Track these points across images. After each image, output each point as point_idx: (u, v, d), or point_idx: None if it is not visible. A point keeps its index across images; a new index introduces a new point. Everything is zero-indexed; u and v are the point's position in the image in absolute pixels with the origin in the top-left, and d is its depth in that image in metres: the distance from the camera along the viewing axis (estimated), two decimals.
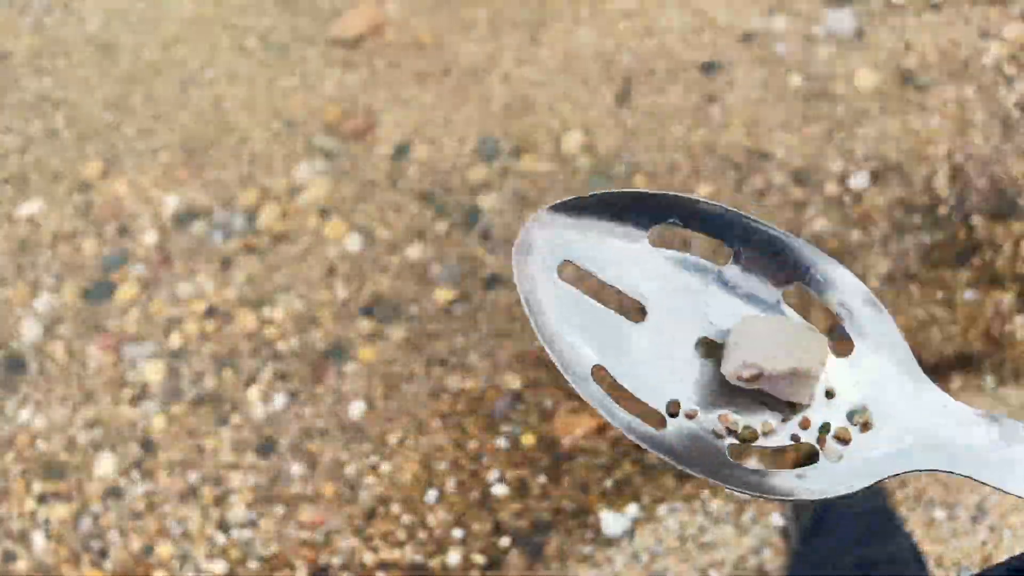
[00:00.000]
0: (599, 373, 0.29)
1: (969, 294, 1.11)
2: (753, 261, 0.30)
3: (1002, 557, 0.99)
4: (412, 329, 1.14)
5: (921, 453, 0.28)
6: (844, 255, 1.13)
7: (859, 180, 1.15)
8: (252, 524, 1.08)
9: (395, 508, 1.08)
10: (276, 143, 1.24)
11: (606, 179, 1.18)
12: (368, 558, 1.06)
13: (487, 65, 1.25)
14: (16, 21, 1.34)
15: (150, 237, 1.21)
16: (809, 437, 0.29)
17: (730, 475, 0.29)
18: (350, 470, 1.09)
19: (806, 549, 0.99)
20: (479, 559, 1.05)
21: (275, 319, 1.16)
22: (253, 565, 1.06)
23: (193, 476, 1.10)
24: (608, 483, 1.07)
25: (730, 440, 0.29)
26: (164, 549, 1.07)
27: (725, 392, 0.29)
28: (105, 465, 1.11)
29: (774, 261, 0.30)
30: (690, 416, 0.29)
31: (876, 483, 0.28)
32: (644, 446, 0.29)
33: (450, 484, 1.08)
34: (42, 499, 1.10)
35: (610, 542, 1.05)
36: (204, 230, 1.21)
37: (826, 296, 0.31)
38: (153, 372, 1.14)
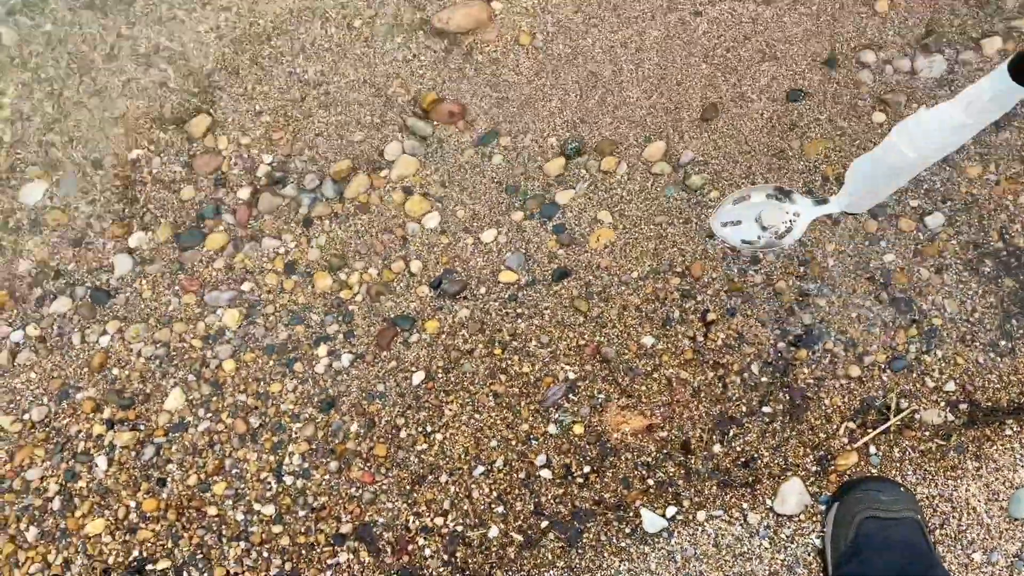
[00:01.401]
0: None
1: None
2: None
3: None
4: (477, 309, 1.18)
5: None
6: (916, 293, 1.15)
7: (934, 220, 1.17)
8: (305, 474, 1.12)
9: (443, 478, 1.11)
10: (372, 119, 1.29)
11: (682, 189, 1.22)
12: (412, 522, 1.10)
13: (581, 69, 1.30)
14: None
15: (244, 192, 1.27)
16: None
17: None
18: (404, 435, 1.13)
19: (840, 574, 1.00)
20: (517, 537, 1.08)
21: (350, 283, 1.21)
22: (301, 513, 1.11)
23: (255, 421, 1.15)
24: (651, 482, 1.09)
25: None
26: (219, 487, 1.12)
27: None
28: (174, 400, 1.16)
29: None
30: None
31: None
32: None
33: (498, 462, 1.11)
34: (110, 424, 1.16)
35: (647, 539, 1.07)
36: (294, 192, 1.27)
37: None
38: (230, 318, 1.20)
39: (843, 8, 1.31)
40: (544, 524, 1.09)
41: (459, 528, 1.09)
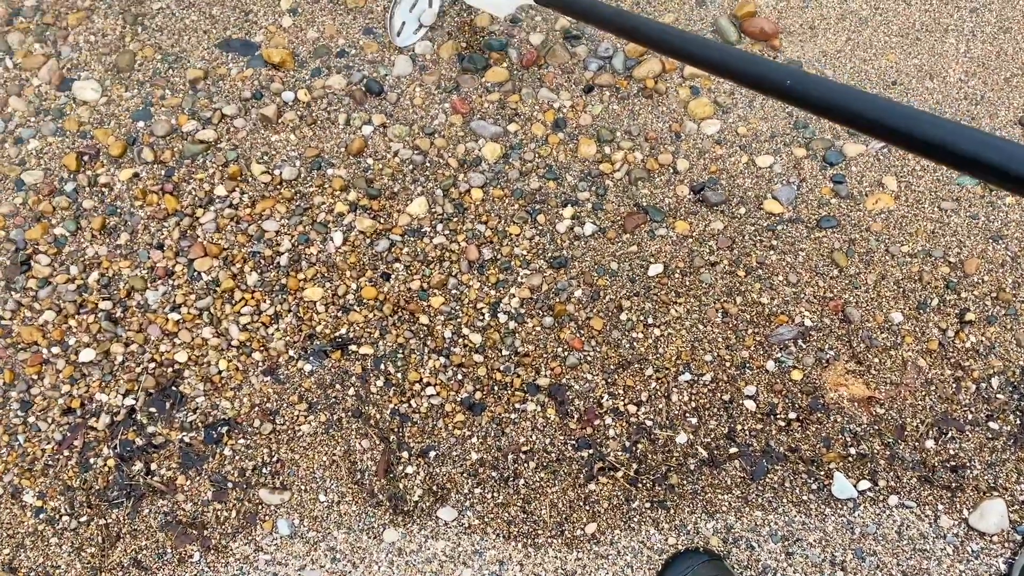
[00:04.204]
0: None
1: None
2: None
3: None
4: (733, 226, 1.16)
5: None
6: None
7: None
8: (519, 318, 1.13)
9: (648, 371, 1.11)
10: (685, 8, 1.26)
11: (978, 183, 1.16)
12: (605, 400, 1.10)
13: (909, 25, 1.24)
14: None
15: (535, 39, 1.26)
16: None
17: None
18: (624, 318, 1.13)
19: None
20: (703, 453, 1.08)
21: (613, 159, 1.20)
22: (504, 352, 1.12)
23: (487, 253, 1.16)
24: (852, 451, 1.07)
25: None
26: (436, 300, 1.14)
27: None
28: (417, 206, 1.18)
29: None
30: None
31: None
32: None
33: (706, 376, 1.10)
34: (353, 207, 1.19)
35: (831, 501, 1.05)
36: (584, 55, 1.25)
37: None
38: (489, 151, 1.21)
39: None
40: (733, 450, 1.08)
41: (648, 423, 1.09)
